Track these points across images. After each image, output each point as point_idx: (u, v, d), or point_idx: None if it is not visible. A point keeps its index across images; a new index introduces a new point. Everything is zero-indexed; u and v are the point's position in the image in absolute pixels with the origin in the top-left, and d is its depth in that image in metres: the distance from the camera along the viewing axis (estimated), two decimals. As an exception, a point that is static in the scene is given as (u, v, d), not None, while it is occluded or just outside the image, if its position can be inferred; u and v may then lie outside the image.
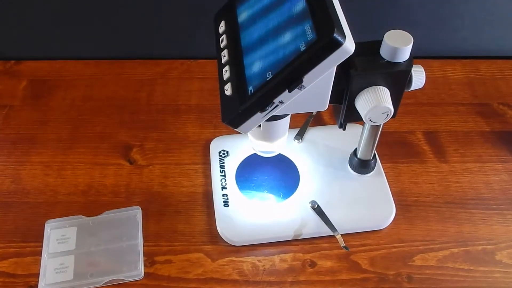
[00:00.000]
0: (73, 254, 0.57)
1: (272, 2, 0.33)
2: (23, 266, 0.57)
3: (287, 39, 0.30)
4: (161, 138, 0.70)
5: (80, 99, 0.75)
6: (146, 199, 0.63)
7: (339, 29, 0.27)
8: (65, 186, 0.64)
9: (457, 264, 0.57)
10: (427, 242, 0.58)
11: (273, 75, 0.30)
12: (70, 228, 0.59)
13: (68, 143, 0.69)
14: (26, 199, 0.63)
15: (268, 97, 0.30)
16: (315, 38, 0.28)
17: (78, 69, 0.79)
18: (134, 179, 0.65)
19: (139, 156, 0.68)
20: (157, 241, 0.59)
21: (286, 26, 0.31)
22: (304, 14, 0.29)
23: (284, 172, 0.62)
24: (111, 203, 0.62)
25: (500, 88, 0.77)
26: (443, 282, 0.55)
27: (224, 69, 0.34)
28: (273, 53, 0.30)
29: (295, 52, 0.29)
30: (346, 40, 0.27)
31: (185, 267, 0.57)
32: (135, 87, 0.77)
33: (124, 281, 0.55)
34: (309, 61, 0.28)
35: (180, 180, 0.65)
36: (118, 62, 0.80)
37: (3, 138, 0.70)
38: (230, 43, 0.34)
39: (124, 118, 0.72)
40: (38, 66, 0.80)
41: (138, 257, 0.57)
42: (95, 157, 0.67)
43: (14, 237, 0.59)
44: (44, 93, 0.76)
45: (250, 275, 0.56)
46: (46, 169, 0.66)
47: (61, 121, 0.72)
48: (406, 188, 0.64)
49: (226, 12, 0.37)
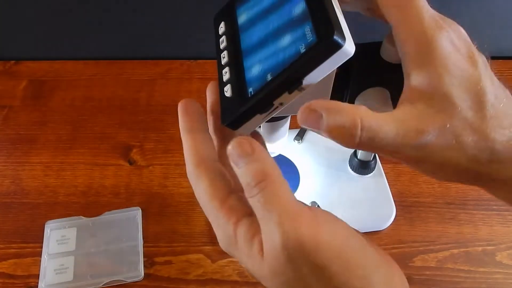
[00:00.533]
0: (73, 255, 0.57)
1: (272, 4, 0.33)
2: (23, 267, 0.57)
3: (287, 41, 0.30)
4: (161, 138, 0.70)
5: (80, 100, 0.75)
6: (146, 200, 0.63)
7: (339, 31, 0.27)
8: (65, 187, 0.64)
9: (457, 265, 0.56)
10: (427, 243, 0.58)
11: (273, 77, 0.29)
12: (70, 229, 0.59)
13: (68, 144, 0.69)
14: (26, 199, 0.63)
15: (268, 99, 0.30)
16: (315, 40, 0.28)
17: (78, 69, 0.79)
18: (134, 179, 0.65)
19: (139, 157, 0.67)
20: (157, 242, 0.59)
21: (286, 28, 0.30)
22: (304, 16, 0.29)
23: (285, 172, 0.61)
24: (111, 203, 0.62)
25: (500, 88, 0.77)
26: (443, 283, 0.55)
27: (224, 70, 0.33)
28: (273, 55, 0.30)
29: (295, 54, 0.29)
30: (346, 42, 0.27)
31: (185, 268, 0.57)
32: (135, 87, 0.77)
33: (124, 282, 0.55)
34: (309, 63, 0.28)
35: (180, 180, 0.65)
36: (118, 62, 0.80)
37: (3, 139, 0.70)
38: (230, 45, 0.34)
39: (124, 118, 0.72)
40: (38, 66, 0.80)
41: (138, 258, 0.57)
42: (95, 158, 0.67)
43: (14, 238, 0.59)
44: (44, 94, 0.76)
45: (250, 276, 0.56)
46: (46, 169, 0.66)
47: (61, 121, 0.72)
48: (406, 189, 0.64)
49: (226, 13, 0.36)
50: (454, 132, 0.28)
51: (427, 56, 0.28)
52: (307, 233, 0.26)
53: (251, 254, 0.28)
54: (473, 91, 0.28)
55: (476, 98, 0.28)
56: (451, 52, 0.28)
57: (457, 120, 0.28)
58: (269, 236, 0.27)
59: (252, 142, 0.29)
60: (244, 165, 0.28)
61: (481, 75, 0.28)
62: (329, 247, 0.27)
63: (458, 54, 0.28)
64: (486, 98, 0.28)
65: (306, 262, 0.27)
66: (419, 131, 0.27)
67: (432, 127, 0.28)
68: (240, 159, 0.28)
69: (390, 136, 0.27)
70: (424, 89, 0.28)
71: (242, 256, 0.29)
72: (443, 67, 0.28)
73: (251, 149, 0.28)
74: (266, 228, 0.27)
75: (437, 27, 0.28)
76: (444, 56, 0.28)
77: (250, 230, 0.28)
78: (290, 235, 0.26)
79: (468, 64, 0.28)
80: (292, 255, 0.26)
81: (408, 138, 0.27)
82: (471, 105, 0.28)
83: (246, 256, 0.29)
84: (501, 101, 0.29)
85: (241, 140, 0.29)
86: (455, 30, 0.29)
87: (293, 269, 0.27)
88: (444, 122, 0.28)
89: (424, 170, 0.30)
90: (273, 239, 0.27)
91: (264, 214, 0.27)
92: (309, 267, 0.27)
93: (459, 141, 0.28)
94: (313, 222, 0.27)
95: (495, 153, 0.29)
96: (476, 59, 0.29)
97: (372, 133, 0.27)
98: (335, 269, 0.27)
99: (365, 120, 0.27)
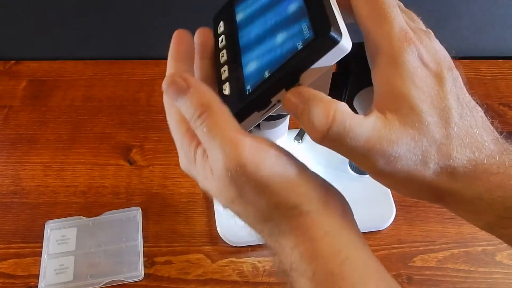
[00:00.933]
0: (73, 255, 0.57)
1: (270, 1, 0.33)
2: (23, 267, 0.57)
3: (284, 37, 0.30)
4: (161, 138, 0.70)
5: (80, 100, 0.75)
6: (146, 200, 0.63)
7: (335, 27, 0.27)
8: (65, 187, 0.64)
9: (457, 265, 0.56)
10: (427, 243, 0.58)
11: (270, 74, 0.30)
12: (70, 229, 0.59)
13: (68, 144, 0.69)
14: (26, 199, 0.63)
15: (266, 96, 0.30)
16: (312, 37, 0.28)
17: (77, 70, 0.79)
18: (134, 179, 0.65)
19: (139, 157, 0.67)
20: (157, 242, 0.59)
21: (284, 24, 0.30)
22: (301, 12, 0.29)
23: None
24: (111, 203, 0.62)
25: (500, 88, 0.77)
26: (443, 283, 0.55)
27: (223, 69, 0.33)
28: (271, 52, 0.30)
29: (292, 50, 0.29)
30: (343, 39, 0.27)
31: (185, 268, 0.57)
32: (135, 88, 0.77)
33: (124, 282, 0.55)
34: (306, 60, 0.28)
35: (180, 180, 0.65)
36: (118, 63, 0.80)
37: (3, 139, 0.70)
38: (228, 44, 0.34)
39: (124, 118, 0.72)
40: (38, 66, 0.80)
41: (138, 258, 0.57)
42: (95, 158, 0.67)
43: (14, 238, 0.59)
44: (43, 94, 0.76)
45: (250, 276, 0.56)
46: (46, 169, 0.66)
47: (61, 121, 0.72)
48: (406, 188, 0.63)
49: (225, 13, 0.36)
50: (420, 147, 0.28)
51: (394, 70, 0.28)
52: (247, 155, 0.29)
53: (206, 174, 0.31)
54: (439, 108, 0.28)
55: (442, 114, 0.28)
56: (417, 67, 0.28)
57: (423, 136, 0.28)
58: (214, 160, 0.29)
59: (186, 78, 0.30)
60: (184, 102, 0.30)
61: (448, 92, 0.29)
62: (270, 167, 0.29)
63: (426, 70, 0.29)
64: (451, 116, 0.28)
65: (247, 181, 0.29)
66: (391, 141, 0.28)
67: (402, 140, 0.28)
68: (178, 95, 0.30)
69: (361, 139, 0.28)
70: (392, 101, 0.28)
71: (199, 175, 0.32)
72: (411, 81, 0.28)
73: (186, 85, 0.30)
74: (211, 153, 0.30)
75: (406, 41, 0.28)
76: (410, 71, 0.28)
77: (205, 153, 0.31)
78: (232, 158, 0.28)
79: (434, 80, 0.29)
80: (234, 176, 0.29)
81: (379, 145, 0.28)
82: (437, 121, 0.28)
83: (202, 175, 0.31)
84: (465, 119, 0.29)
85: (174, 78, 0.30)
86: (426, 44, 0.29)
87: (236, 189, 0.29)
88: (412, 136, 0.28)
89: (388, 183, 0.30)
90: (217, 162, 0.29)
91: (209, 141, 0.29)
92: (251, 186, 0.29)
93: (424, 156, 0.28)
94: (254, 145, 0.29)
95: (455, 172, 0.29)
96: (443, 75, 0.29)
97: (343, 130, 0.27)
98: (275, 187, 0.29)
99: (339, 115, 0.27)
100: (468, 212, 0.30)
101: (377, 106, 0.29)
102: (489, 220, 0.30)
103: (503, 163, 0.29)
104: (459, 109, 0.29)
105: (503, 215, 0.29)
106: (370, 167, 0.29)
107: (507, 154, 0.29)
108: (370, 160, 0.28)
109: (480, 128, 0.29)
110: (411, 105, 0.28)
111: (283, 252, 0.31)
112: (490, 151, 0.29)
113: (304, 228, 0.30)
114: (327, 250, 0.30)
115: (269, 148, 0.30)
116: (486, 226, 0.31)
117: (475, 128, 0.29)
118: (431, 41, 0.30)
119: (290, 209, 0.30)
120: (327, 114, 0.27)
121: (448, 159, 0.28)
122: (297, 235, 0.30)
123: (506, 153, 0.29)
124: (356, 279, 0.29)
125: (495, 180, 0.28)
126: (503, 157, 0.29)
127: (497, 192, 0.28)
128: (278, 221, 0.31)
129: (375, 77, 0.29)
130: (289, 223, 0.30)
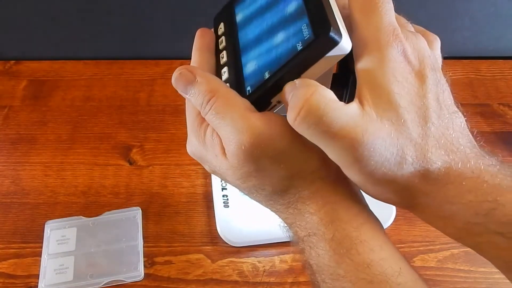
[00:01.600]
0: (73, 255, 0.57)
1: (269, 1, 0.33)
2: (23, 267, 0.57)
3: (284, 38, 0.30)
4: (161, 138, 0.70)
5: (80, 100, 0.75)
6: (146, 200, 0.63)
7: (335, 27, 0.27)
8: (65, 187, 0.64)
9: (457, 265, 0.56)
10: (427, 243, 0.58)
11: (270, 75, 0.30)
12: (70, 229, 0.59)
13: (68, 144, 0.69)
14: (26, 199, 0.63)
15: (266, 96, 0.30)
16: (312, 37, 0.28)
17: (77, 69, 0.79)
18: (134, 179, 0.65)
19: (139, 157, 0.67)
20: (157, 242, 0.59)
21: (283, 25, 0.30)
22: (301, 13, 0.29)
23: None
24: (111, 203, 0.62)
25: (500, 88, 0.77)
26: (443, 283, 0.55)
27: (223, 70, 0.33)
28: (270, 52, 0.30)
29: (292, 51, 0.29)
30: (343, 39, 0.27)
31: (185, 268, 0.57)
32: (135, 87, 0.77)
33: (124, 282, 0.55)
34: (306, 60, 0.28)
35: (180, 180, 0.65)
36: (118, 62, 0.80)
37: (3, 139, 0.70)
38: (228, 45, 0.34)
39: (123, 118, 0.72)
40: (38, 66, 0.80)
41: (138, 258, 0.57)
42: (95, 158, 0.67)
43: (14, 237, 0.59)
44: (43, 94, 0.76)
45: (250, 276, 0.56)
46: (46, 169, 0.66)
47: (61, 121, 0.72)
48: (406, 188, 0.63)
49: (225, 13, 0.36)
50: (395, 144, 0.28)
51: (377, 62, 0.28)
52: (259, 126, 0.29)
53: (216, 152, 0.31)
54: (417, 105, 0.28)
55: (419, 112, 0.28)
56: (400, 62, 0.28)
57: (400, 132, 0.28)
58: (226, 138, 0.30)
59: (193, 69, 0.32)
60: (193, 92, 0.31)
61: (428, 91, 0.28)
62: (283, 136, 0.29)
63: (408, 66, 0.28)
64: (429, 115, 0.28)
65: (263, 152, 0.29)
66: (367, 132, 0.27)
67: (378, 133, 0.27)
68: (187, 88, 0.32)
69: (336, 125, 0.27)
70: (371, 92, 0.28)
71: (208, 153, 0.32)
72: (392, 75, 0.28)
73: (193, 76, 0.32)
74: (222, 133, 0.30)
75: (393, 35, 0.28)
76: (393, 64, 0.28)
77: (214, 131, 0.31)
78: (244, 132, 0.29)
79: (415, 78, 0.28)
80: (249, 149, 0.29)
81: (354, 135, 0.27)
82: (415, 118, 0.28)
83: (212, 153, 0.31)
84: (443, 121, 0.28)
85: (181, 71, 0.32)
86: (412, 42, 0.29)
87: (252, 162, 0.30)
88: (389, 132, 0.27)
89: (358, 180, 0.30)
90: (230, 140, 0.29)
91: (220, 121, 0.30)
92: (267, 157, 0.29)
93: (398, 155, 0.28)
94: (264, 118, 0.29)
95: (428, 175, 0.28)
96: (425, 73, 0.28)
97: (318, 111, 0.27)
98: (292, 153, 0.30)
99: (316, 95, 0.27)
100: (437, 217, 0.30)
101: (358, 97, 0.28)
102: (458, 226, 0.29)
103: (478, 168, 0.28)
104: (437, 109, 0.28)
105: (473, 221, 0.28)
106: (343, 160, 0.28)
107: (483, 159, 0.29)
108: (344, 150, 0.27)
109: (458, 132, 0.29)
110: (390, 98, 0.27)
111: (302, 218, 0.31)
112: (465, 155, 0.28)
113: (323, 191, 0.31)
114: (346, 214, 0.31)
115: (279, 119, 0.30)
116: (455, 234, 0.30)
117: (451, 131, 0.29)
118: (417, 40, 0.29)
119: (310, 173, 0.31)
120: (305, 93, 0.27)
121: (423, 160, 0.28)
122: (317, 200, 0.31)
123: (482, 159, 0.29)
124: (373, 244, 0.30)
125: (468, 184, 0.28)
126: (478, 161, 0.28)
127: (468, 196, 0.28)
128: (298, 188, 0.31)
129: (357, 68, 0.29)
130: (308, 187, 0.31)
